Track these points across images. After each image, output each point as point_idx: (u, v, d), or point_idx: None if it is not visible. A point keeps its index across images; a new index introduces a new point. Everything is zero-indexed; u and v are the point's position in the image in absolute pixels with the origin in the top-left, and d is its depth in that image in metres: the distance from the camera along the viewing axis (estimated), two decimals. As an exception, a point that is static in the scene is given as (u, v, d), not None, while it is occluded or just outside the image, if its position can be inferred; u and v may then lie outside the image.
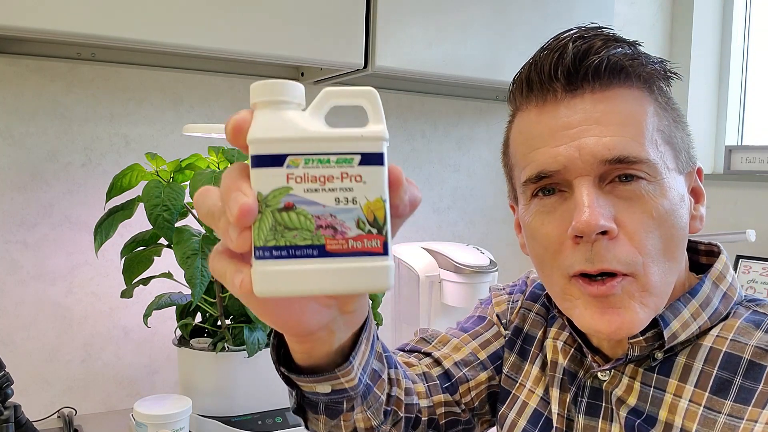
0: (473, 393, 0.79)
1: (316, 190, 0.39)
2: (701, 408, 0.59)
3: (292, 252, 0.39)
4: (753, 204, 1.83)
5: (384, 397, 0.67)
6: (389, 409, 0.70)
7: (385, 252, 0.39)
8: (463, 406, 0.79)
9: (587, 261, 0.59)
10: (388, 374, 0.70)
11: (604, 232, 0.58)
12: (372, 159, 0.39)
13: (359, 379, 0.58)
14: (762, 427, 0.55)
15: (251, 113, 0.40)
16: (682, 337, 0.62)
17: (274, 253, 0.39)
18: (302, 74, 1.50)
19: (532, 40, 1.44)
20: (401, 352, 0.83)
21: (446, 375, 0.79)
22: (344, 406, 0.61)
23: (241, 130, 0.40)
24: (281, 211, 0.39)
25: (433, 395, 0.77)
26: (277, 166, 0.39)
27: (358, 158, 0.39)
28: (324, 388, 0.57)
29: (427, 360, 0.80)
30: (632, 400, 0.64)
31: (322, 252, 0.39)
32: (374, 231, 0.39)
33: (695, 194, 0.67)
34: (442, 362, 0.79)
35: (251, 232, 0.39)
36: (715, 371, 0.60)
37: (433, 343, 0.83)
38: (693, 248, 0.71)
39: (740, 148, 1.97)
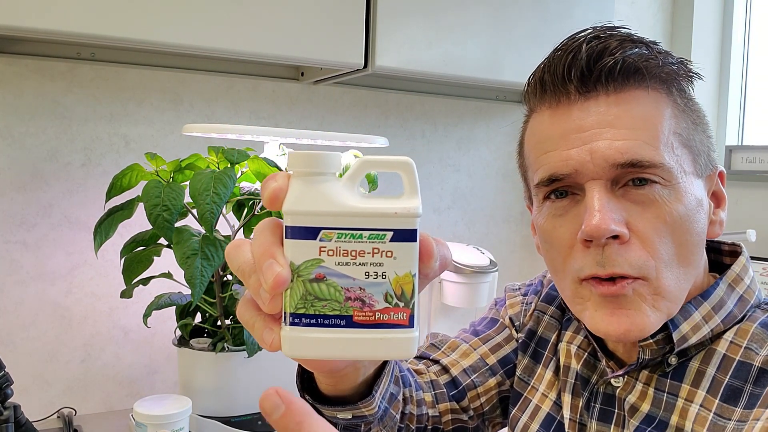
0: (483, 399, 0.79)
1: (347, 264, 0.40)
2: (711, 414, 0.59)
3: (320, 321, 0.40)
4: (753, 204, 1.83)
5: (398, 416, 0.67)
6: (402, 425, 0.71)
7: (410, 324, 0.41)
8: (471, 413, 0.79)
9: (598, 264, 0.58)
10: (403, 393, 0.71)
11: (615, 237, 0.57)
12: (404, 236, 0.40)
13: (378, 406, 0.59)
14: (762, 424, 0.55)
15: (288, 179, 0.41)
16: (694, 340, 0.61)
17: (304, 320, 0.40)
18: (302, 74, 1.51)
19: (532, 40, 1.44)
20: (412, 358, 0.83)
21: (453, 383, 0.79)
22: (362, 428, 0.62)
23: (277, 199, 0.40)
24: (312, 282, 0.40)
25: (440, 404, 0.77)
26: (310, 239, 0.40)
27: (390, 234, 0.40)
28: (345, 415, 0.59)
29: (436, 367, 0.80)
30: (645, 407, 0.63)
31: (349, 323, 0.40)
32: (401, 304, 0.40)
33: (716, 198, 0.66)
34: (450, 369, 0.79)
35: (282, 297, 0.41)
36: (727, 379, 0.60)
37: (442, 349, 0.82)
38: (716, 248, 0.70)
39: (740, 148, 1.97)
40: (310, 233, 0.40)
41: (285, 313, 0.41)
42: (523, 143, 0.69)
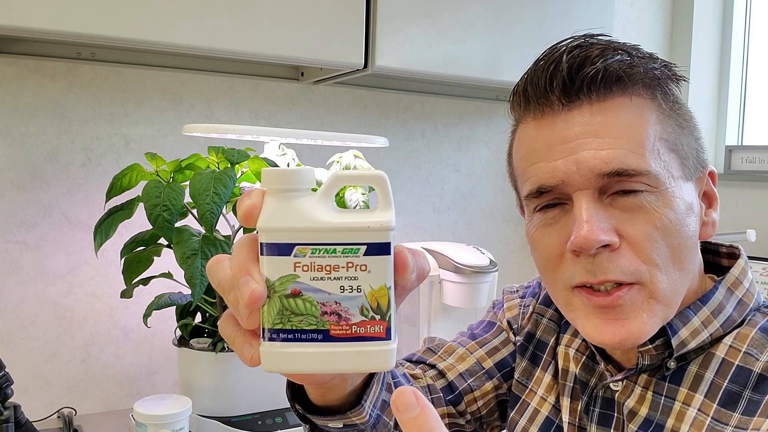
0: (480, 402, 0.79)
1: (322, 279, 0.40)
2: (709, 418, 0.59)
3: (298, 336, 0.41)
4: (753, 204, 1.83)
5: (392, 423, 0.67)
6: (397, 431, 0.71)
7: (387, 337, 0.41)
8: (468, 417, 0.79)
9: (589, 273, 0.58)
10: None
11: (605, 246, 0.57)
12: (377, 249, 0.40)
13: (369, 414, 0.59)
14: None
15: (262, 196, 0.41)
16: (693, 345, 0.61)
17: (281, 336, 0.41)
18: (302, 74, 1.50)
19: (532, 40, 1.44)
20: (408, 363, 0.82)
21: (450, 387, 0.78)
22: None
23: (251, 216, 0.41)
24: (288, 297, 0.40)
25: (436, 408, 0.76)
26: (285, 255, 0.40)
27: (363, 248, 0.40)
28: (336, 424, 0.59)
29: (432, 372, 0.80)
30: (644, 411, 0.63)
31: (326, 336, 0.41)
32: (377, 317, 0.41)
33: (707, 198, 0.65)
34: (446, 374, 0.79)
35: (260, 312, 0.41)
36: (725, 384, 0.59)
37: (438, 354, 0.82)
38: (714, 251, 0.69)
39: (740, 148, 1.97)
40: (284, 249, 0.40)
41: (263, 328, 0.41)
42: (512, 154, 0.69)
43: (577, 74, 0.59)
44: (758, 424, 0.56)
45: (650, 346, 0.62)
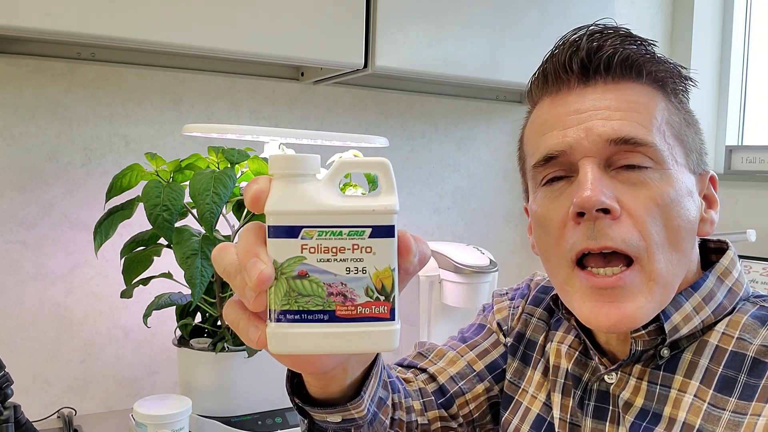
0: (471, 405, 0.79)
1: (328, 260, 0.42)
2: (706, 404, 0.59)
3: (304, 316, 0.42)
4: (753, 204, 1.83)
5: (388, 422, 0.68)
6: (392, 431, 0.71)
7: (391, 317, 0.42)
8: (460, 419, 0.79)
9: (589, 238, 0.59)
10: (392, 399, 0.71)
11: (606, 211, 0.58)
12: (382, 231, 0.42)
13: (368, 409, 0.60)
14: (765, 420, 0.55)
15: (269, 181, 0.43)
16: (685, 330, 0.62)
17: (288, 316, 0.42)
18: (302, 74, 1.51)
19: (532, 40, 1.44)
20: (399, 368, 0.83)
21: (441, 390, 0.79)
22: None
23: (259, 200, 0.42)
24: (295, 279, 0.42)
25: (428, 411, 0.77)
26: (292, 237, 0.41)
27: (368, 231, 0.41)
28: (335, 418, 0.59)
29: (423, 376, 0.80)
30: (639, 401, 0.64)
31: (332, 317, 0.42)
32: (382, 298, 0.42)
33: (708, 200, 0.67)
34: (437, 377, 0.79)
35: (267, 294, 0.42)
36: (720, 369, 0.60)
37: (429, 357, 0.82)
38: (702, 246, 0.70)
39: (740, 148, 1.97)
40: (291, 232, 0.41)
41: (270, 310, 0.42)
42: (523, 138, 0.71)
43: (595, 55, 0.63)
44: (758, 409, 0.57)
45: (643, 332, 0.62)
